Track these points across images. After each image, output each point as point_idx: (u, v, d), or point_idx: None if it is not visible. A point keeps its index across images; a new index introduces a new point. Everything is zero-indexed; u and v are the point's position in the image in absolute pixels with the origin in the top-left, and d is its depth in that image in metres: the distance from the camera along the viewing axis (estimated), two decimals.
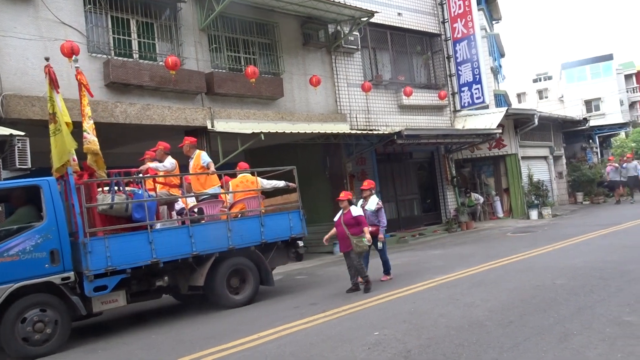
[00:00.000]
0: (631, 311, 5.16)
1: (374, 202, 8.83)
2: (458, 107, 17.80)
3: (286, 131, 11.44)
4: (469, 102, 17.52)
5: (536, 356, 4.24)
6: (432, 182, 18.00)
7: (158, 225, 7.48)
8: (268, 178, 9.15)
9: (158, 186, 8.01)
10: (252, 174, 8.91)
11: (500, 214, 19.21)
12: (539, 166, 21.05)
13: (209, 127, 11.30)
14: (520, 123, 18.96)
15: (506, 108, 18.61)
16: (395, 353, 4.71)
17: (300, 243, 13.01)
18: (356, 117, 14.61)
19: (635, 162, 21.13)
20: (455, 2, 17.47)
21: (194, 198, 8.38)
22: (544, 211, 18.00)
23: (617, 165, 20.84)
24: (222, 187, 8.54)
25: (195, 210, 8.05)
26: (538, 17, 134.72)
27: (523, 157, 19.43)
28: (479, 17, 18.16)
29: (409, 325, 5.62)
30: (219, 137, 11.17)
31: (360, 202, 8.99)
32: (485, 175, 20.05)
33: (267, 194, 9.70)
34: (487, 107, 17.87)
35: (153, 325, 7.34)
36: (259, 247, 8.23)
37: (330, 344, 5.25)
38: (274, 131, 11.15)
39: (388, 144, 14.20)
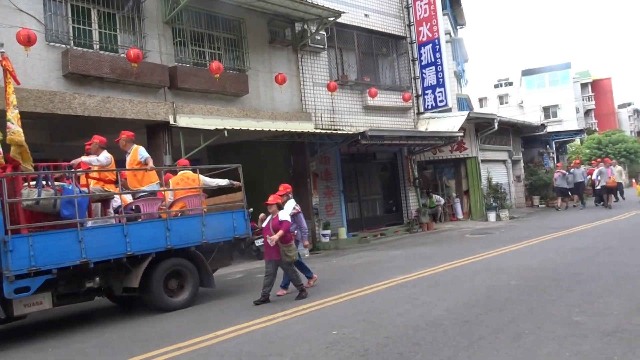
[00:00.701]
0: (580, 311, 5.35)
1: (290, 206, 8.34)
2: (422, 110, 18.07)
3: (250, 128, 11.34)
4: (432, 104, 17.80)
5: (490, 355, 4.33)
6: (394, 183, 18.22)
7: (89, 223, 7.05)
8: (212, 176, 8.85)
9: (92, 182, 7.60)
10: (194, 171, 8.61)
11: (460, 216, 19.62)
12: (498, 169, 21.62)
13: (172, 122, 11.08)
14: (481, 127, 19.41)
15: (468, 112, 19.00)
16: (352, 352, 4.73)
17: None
18: (321, 117, 14.63)
19: (582, 168, 21.38)
20: (420, 6, 17.73)
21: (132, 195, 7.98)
22: (502, 213, 18.50)
23: (564, 171, 20.79)
24: (162, 184, 8.19)
25: (132, 207, 7.65)
26: (501, 24, 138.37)
27: (483, 160, 19.90)
28: (443, 22, 18.49)
29: (367, 324, 5.65)
30: (182, 133, 10.98)
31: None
32: (446, 177, 20.44)
33: (211, 192, 9.43)
34: (449, 110, 18.21)
35: (107, 323, 7.15)
36: (199, 247, 7.87)
37: (289, 343, 5.23)
38: (238, 128, 11.03)
39: (352, 144, 14.28)
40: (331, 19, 13.80)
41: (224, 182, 8.81)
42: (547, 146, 28.68)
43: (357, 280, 8.46)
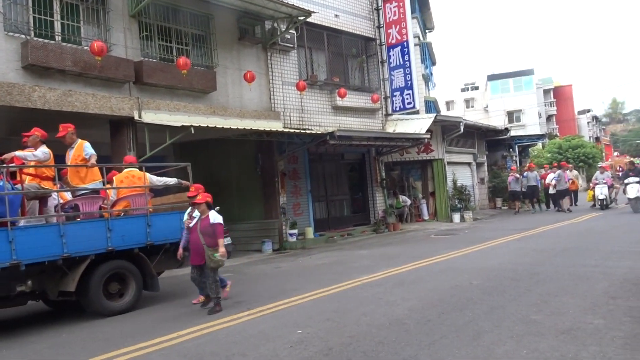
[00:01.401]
0: (537, 310, 5.50)
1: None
2: (390, 111, 18.25)
3: (218, 126, 11.21)
4: (400, 106, 18.01)
5: (451, 353, 4.40)
6: (362, 184, 18.34)
7: (22, 222, 6.63)
8: (160, 174, 8.55)
9: (27, 178, 7.09)
10: (140, 168, 8.20)
11: (426, 217, 19.90)
12: (463, 172, 22.03)
13: (136, 117, 10.86)
14: (447, 130, 19.74)
15: (435, 114, 19.31)
16: (316, 351, 4.73)
17: (228, 240, 12.90)
18: (290, 116, 14.59)
19: (535, 172, 21.46)
20: (390, 9, 17.91)
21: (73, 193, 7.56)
22: (466, 215, 18.86)
23: (518, 175, 20.92)
24: (106, 182, 7.81)
25: (71, 206, 7.24)
26: (468, 29, 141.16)
27: (449, 163, 20.24)
28: (412, 25, 18.74)
29: (332, 323, 5.67)
30: (147, 129, 10.76)
31: (188, 210, 7.64)
32: (413, 178, 20.70)
33: (158, 192, 9.13)
34: (417, 112, 18.45)
35: (66, 323, 6.93)
36: (143, 249, 7.55)
37: (253, 342, 5.19)
38: (205, 125, 10.89)
39: (320, 144, 14.30)
40: (301, 18, 13.78)
41: (172, 181, 8.45)
42: (511, 150, 29.36)
43: (323, 280, 8.48)
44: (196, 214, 7.25)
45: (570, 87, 67.76)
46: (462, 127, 19.36)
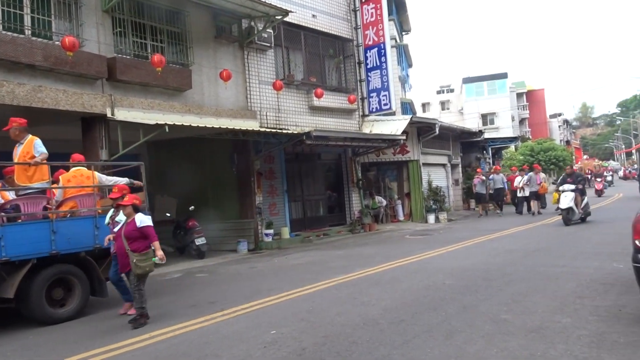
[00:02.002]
0: (508, 310, 5.59)
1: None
2: (366, 112, 18.34)
3: (193, 125, 11.08)
4: (376, 107, 18.11)
5: (423, 352, 4.45)
6: (338, 184, 18.38)
7: None
8: (111, 174, 8.30)
9: None
10: (89, 167, 7.82)
11: (402, 217, 20.06)
12: (438, 173, 22.28)
13: (109, 115, 10.65)
14: (423, 131, 19.94)
15: (411, 116, 19.52)
16: (290, 351, 4.72)
17: (203, 240, 12.79)
18: (266, 115, 14.53)
19: (502, 174, 21.30)
20: (367, 10, 18.00)
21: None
22: (441, 216, 19.08)
23: (484, 177, 20.66)
24: (53, 181, 7.48)
25: (12, 206, 6.83)
26: (445, 32, 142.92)
27: (424, 164, 20.45)
28: (389, 27, 18.86)
29: (306, 323, 5.66)
30: (120, 127, 10.56)
31: (110, 213, 7.14)
32: (389, 179, 20.85)
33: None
34: (393, 113, 18.59)
35: (33, 324, 6.74)
36: (91, 252, 7.19)
37: (226, 343, 5.15)
38: (180, 124, 10.76)
39: (297, 144, 14.28)
40: (278, 17, 13.74)
41: (123, 180, 8.09)
42: (484, 152, 29.85)
43: (299, 280, 8.47)
44: (120, 217, 6.71)
45: (543, 91, 69.30)
46: (437, 129, 19.58)
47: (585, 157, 72.08)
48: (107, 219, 7.11)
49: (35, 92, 9.54)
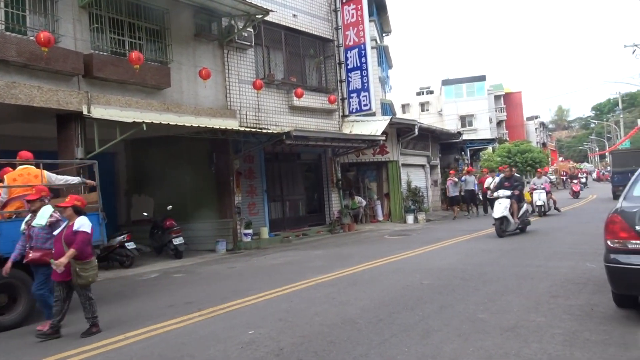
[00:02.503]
0: (484, 309, 5.66)
1: (47, 213, 6.25)
2: (346, 113, 18.40)
3: (171, 123, 10.96)
4: (357, 108, 18.18)
5: (400, 352, 4.47)
6: (318, 184, 18.39)
7: None
8: (61, 173, 8.04)
9: None
10: (37, 166, 7.42)
11: (381, 217, 20.16)
12: (417, 174, 22.45)
13: (85, 112, 10.47)
14: (402, 132, 20.08)
15: (391, 117, 19.61)
16: (267, 352, 4.70)
17: (180, 240, 12.67)
18: (246, 115, 14.46)
19: (473, 176, 20.96)
20: (348, 11, 18.05)
21: None
22: (420, 216, 19.24)
23: (456, 179, 20.48)
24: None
25: None
26: (425, 34, 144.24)
27: (403, 165, 20.58)
28: (370, 28, 18.95)
29: (284, 323, 5.65)
30: (96, 124, 10.40)
31: (27, 217, 6.47)
32: (368, 179, 20.94)
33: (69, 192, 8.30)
34: (373, 114, 18.68)
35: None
36: None
37: (203, 344, 5.11)
38: (158, 122, 10.63)
39: (277, 143, 14.24)
40: (259, 16, 13.69)
41: (74, 180, 7.83)
42: (463, 153, 30.19)
43: (277, 280, 8.44)
44: (38, 221, 6.18)
45: (520, 94, 70.41)
46: (416, 130, 19.74)
47: (560, 159, 73.50)
48: (23, 225, 6.38)
49: (8, 88, 9.32)
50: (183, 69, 12.84)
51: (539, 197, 17.35)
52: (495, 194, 13.16)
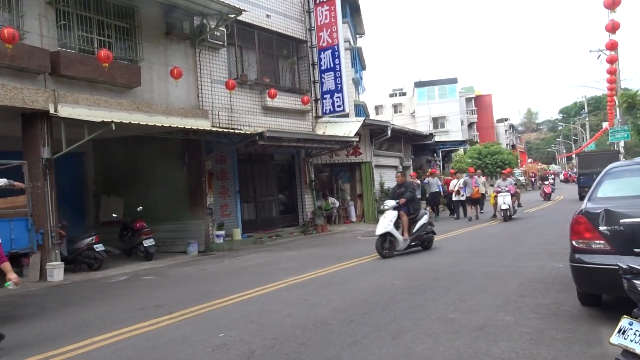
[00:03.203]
0: (455, 309, 5.73)
1: None
2: (320, 114, 18.41)
3: (141, 123, 10.77)
4: (330, 109, 18.22)
5: (372, 352, 4.48)
6: (291, 185, 18.35)
7: None
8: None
9: None
10: None
11: (354, 218, 20.24)
12: (390, 174, 22.56)
13: (52, 111, 10.21)
14: (375, 133, 20.20)
15: (364, 118, 19.71)
16: (238, 354, 4.65)
17: (151, 241, 12.46)
18: (218, 115, 14.32)
19: (437, 177, 20.37)
20: (322, 12, 18.08)
21: None
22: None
23: (418, 181, 19.90)
24: None
25: None
26: (398, 36, 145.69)
27: (376, 166, 20.72)
28: (343, 29, 19.03)
29: (256, 325, 5.60)
30: (63, 124, 10.15)
31: None
32: (342, 180, 20.99)
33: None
34: (347, 115, 18.74)
35: None
36: None
37: (173, 347, 5.02)
38: (128, 122, 10.43)
39: (250, 144, 14.15)
40: (232, 15, 13.57)
41: (1, 182, 7.48)
42: (435, 154, 30.60)
43: (249, 282, 8.38)
44: None
45: (490, 96, 71.66)
46: (389, 132, 19.89)
47: (529, 160, 75.15)
48: None
49: None
50: (154, 67, 12.64)
51: (504, 200, 16.53)
52: (382, 207, 11.44)
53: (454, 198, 19.13)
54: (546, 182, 27.52)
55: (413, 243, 10.59)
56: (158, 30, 12.88)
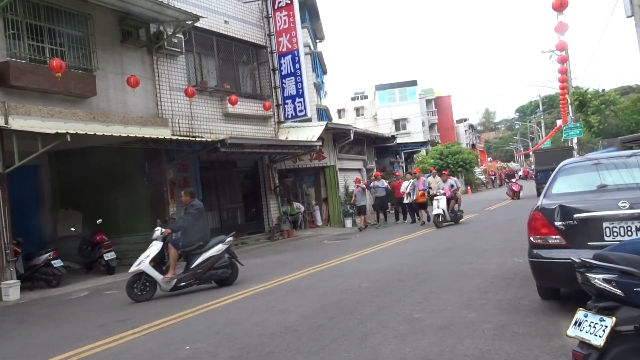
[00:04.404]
0: (420, 309, 5.80)
1: None
2: (282, 119, 18.37)
3: (98, 133, 10.48)
4: (292, 114, 18.20)
5: (340, 356, 4.48)
6: (256, 191, 18.22)
7: None
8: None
9: None
10: None
11: (320, 223, 20.26)
12: (354, 178, 22.72)
13: (3, 124, 9.82)
14: (338, 137, 20.31)
15: (326, 122, 19.80)
16: None
17: (112, 255, 12.13)
18: (179, 123, 14.10)
19: (383, 180, 18.87)
20: (280, 17, 18.07)
21: None
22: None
23: (363, 186, 18.61)
24: None
25: None
26: (357, 40, 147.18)
27: (340, 169, 20.81)
28: (303, 34, 19.08)
29: (222, 336, 5.52)
30: (15, 136, 9.76)
31: None
32: (306, 185, 20.99)
33: None
34: (309, 120, 18.78)
35: None
36: None
37: None
38: (84, 133, 10.13)
39: (212, 151, 13.98)
40: (189, 22, 13.42)
41: None
42: (397, 156, 30.98)
43: (214, 292, 8.26)
44: None
45: (449, 97, 73.14)
46: (352, 135, 20.03)
47: (489, 159, 77.10)
48: None
49: None
50: (110, 76, 12.34)
51: (438, 205, 15.04)
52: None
53: (405, 201, 18.08)
54: (513, 180, 26.37)
55: (191, 281, 8.48)
56: (113, 38, 12.59)
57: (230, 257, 8.84)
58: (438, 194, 15.31)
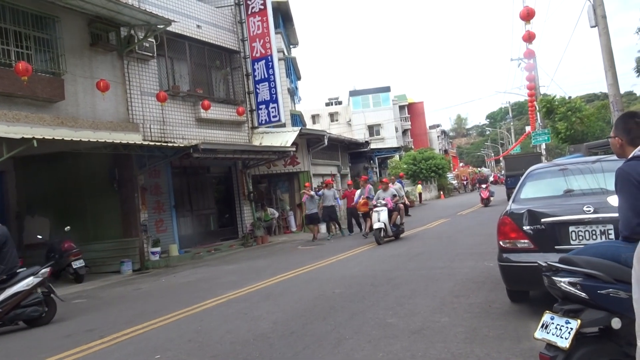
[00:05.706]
0: (393, 314, 5.82)
1: None
2: (256, 124, 18.30)
3: (66, 138, 10.24)
4: (266, 119, 18.14)
5: None
6: (229, 197, 18.08)
7: None
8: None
9: None
10: None
11: (294, 228, 20.21)
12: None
13: None
14: (312, 142, 20.34)
15: (300, 128, 19.79)
16: None
17: (81, 262, 11.86)
18: (150, 128, 13.90)
19: (333, 189, 17.45)
20: (254, 22, 18.02)
21: None
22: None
23: (312, 193, 17.06)
24: None
25: None
26: (331, 45, 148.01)
27: (315, 175, 20.84)
28: (277, 40, 19.06)
29: (194, 344, 5.43)
30: None
31: None
32: (280, 190, 20.94)
33: None
34: (283, 125, 18.74)
35: None
36: None
37: None
38: (51, 138, 9.88)
39: (184, 157, 13.83)
40: (160, 26, 13.27)
41: None
42: (371, 161, 31.19)
43: (187, 299, 8.13)
44: None
45: (422, 104, 74.12)
46: (326, 140, 20.10)
47: (461, 164, 78.29)
48: None
49: None
50: (79, 80, 12.09)
51: (379, 217, 13.01)
52: None
53: (360, 210, 16.30)
54: (483, 186, 24.95)
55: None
56: (82, 41, 12.35)
57: (46, 293, 7.55)
58: (379, 204, 13.28)
